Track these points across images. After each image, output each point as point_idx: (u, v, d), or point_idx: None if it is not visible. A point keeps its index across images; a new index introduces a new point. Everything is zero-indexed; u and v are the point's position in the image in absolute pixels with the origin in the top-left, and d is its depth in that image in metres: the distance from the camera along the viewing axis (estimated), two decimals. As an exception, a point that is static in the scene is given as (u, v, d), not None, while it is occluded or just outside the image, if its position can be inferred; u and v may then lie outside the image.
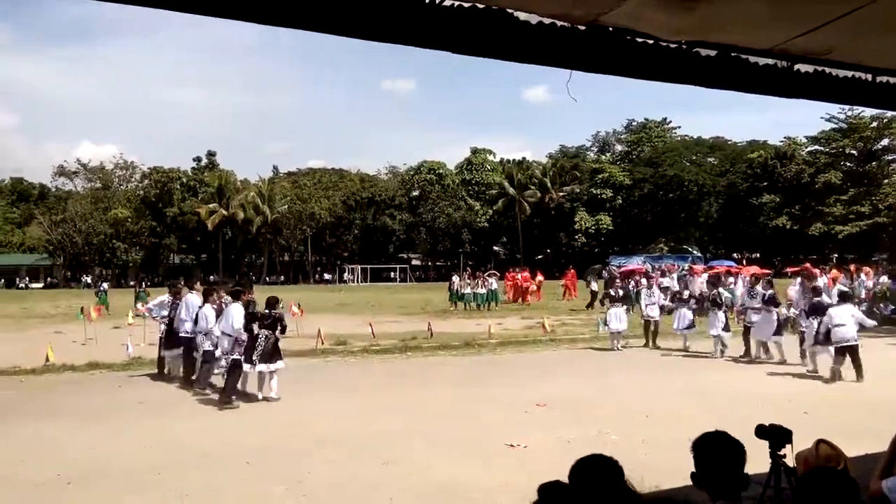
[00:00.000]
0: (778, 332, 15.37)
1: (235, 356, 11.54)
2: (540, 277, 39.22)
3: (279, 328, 11.98)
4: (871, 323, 14.51)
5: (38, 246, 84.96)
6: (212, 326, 12.33)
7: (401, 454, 8.22)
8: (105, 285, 38.90)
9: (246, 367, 11.51)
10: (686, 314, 17.83)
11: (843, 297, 14.66)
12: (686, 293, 18.60)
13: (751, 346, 15.91)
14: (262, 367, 11.56)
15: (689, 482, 2.86)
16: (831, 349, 13.30)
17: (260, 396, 11.63)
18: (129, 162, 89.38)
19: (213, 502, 6.82)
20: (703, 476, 2.82)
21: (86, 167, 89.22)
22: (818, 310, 13.86)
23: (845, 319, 13.23)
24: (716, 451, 2.84)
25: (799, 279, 18.75)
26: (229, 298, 12.42)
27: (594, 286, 32.11)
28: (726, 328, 16.45)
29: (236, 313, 11.67)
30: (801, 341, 14.62)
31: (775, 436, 3.93)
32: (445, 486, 7.10)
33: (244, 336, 11.60)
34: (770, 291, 16.05)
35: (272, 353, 11.67)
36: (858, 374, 12.82)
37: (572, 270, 42.22)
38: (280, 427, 9.80)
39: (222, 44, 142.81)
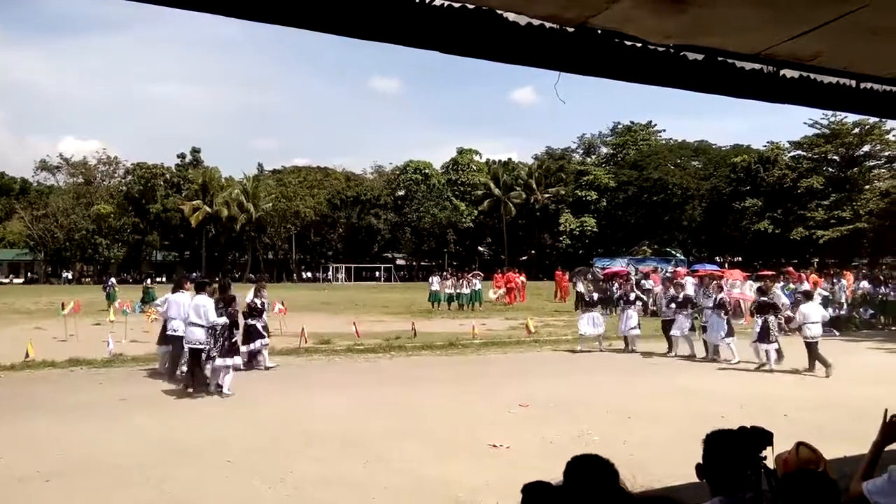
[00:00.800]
0: (729, 334, 15.89)
1: (201, 346, 12.11)
2: (522, 278, 39.39)
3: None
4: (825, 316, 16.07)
5: (19, 241, 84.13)
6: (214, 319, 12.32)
7: (385, 453, 8.22)
8: (113, 280, 37.84)
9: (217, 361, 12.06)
10: (631, 315, 17.79)
11: (808, 296, 16.18)
12: (633, 295, 18.47)
13: (708, 347, 16.47)
14: (219, 361, 11.98)
15: (676, 482, 2.90)
16: (767, 346, 14.65)
17: (212, 388, 12.05)
18: (113, 157, 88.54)
19: (197, 500, 6.79)
20: (708, 469, 2.89)
21: (68, 162, 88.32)
22: (764, 309, 15.09)
23: (816, 318, 14.73)
24: (727, 447, 2.91)
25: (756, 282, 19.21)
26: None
27: (580, 287, 32.30)
28: (692, 329, 16.94)
29: (208, 304, 12.19)
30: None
31: (756, 438, 3.96)
32: (430, 484, 7.10)
33: (219, 325, 12.11)
34: (721, 295, 16.49)
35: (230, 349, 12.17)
36: (811, 366, 14.22)
37: (560, 272, 42.54)
38: (265, 425, 9.77)
39: (208, 39, 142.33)
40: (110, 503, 6.75)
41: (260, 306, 15.05)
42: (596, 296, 18.97)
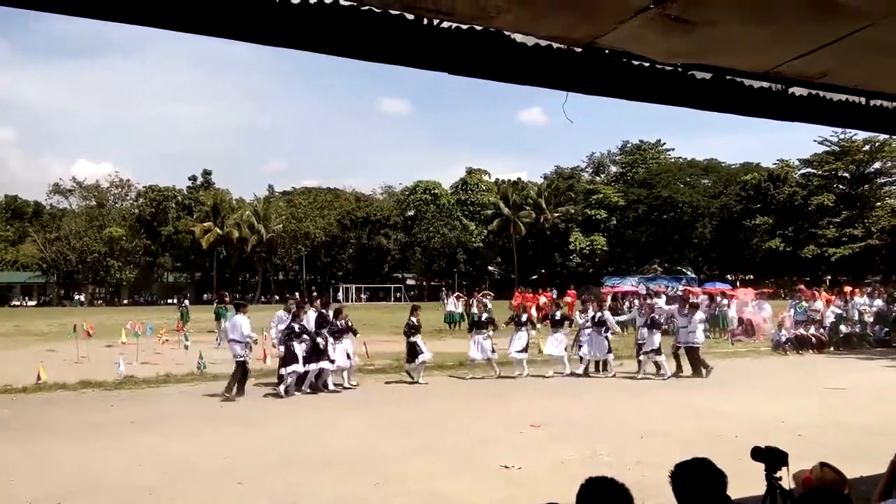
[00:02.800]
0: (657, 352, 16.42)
1: (242, 359, 13.78)
2: (544, 298, 38.90)
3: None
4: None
5: (32, 264, 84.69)
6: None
7: (396, 473, 8.18)
8: (187, 301, 37.71)
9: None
10: (521, 336, 17.15)
11: (693, 307, 17.49)
12: (524, 316, 17.89)
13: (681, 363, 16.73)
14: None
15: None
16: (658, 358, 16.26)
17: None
18: (125, 180, 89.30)
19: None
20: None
21: (81, 185, 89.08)
22: (655, 325, 16.45)
23: (698, 326, 16.78)
24: (696, 480, 2.82)
25: (678, 302, 19.24)
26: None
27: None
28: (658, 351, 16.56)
29: (244, 322, 13.89)
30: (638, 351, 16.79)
31: (771, 458, 3.92)
32: (440, 506, 7.06)
33: (252, 339, 14.10)
34: (653, 316, 16.87)
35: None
36: (696, 371, 16.18)
37: (573, 291, 42.20)
38: (275, 446, 9.74)
39: (219, 59, 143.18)
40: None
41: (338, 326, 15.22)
42: (559, 315, 18.15)
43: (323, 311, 15.39)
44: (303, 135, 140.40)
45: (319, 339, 14.45)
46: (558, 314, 18.28)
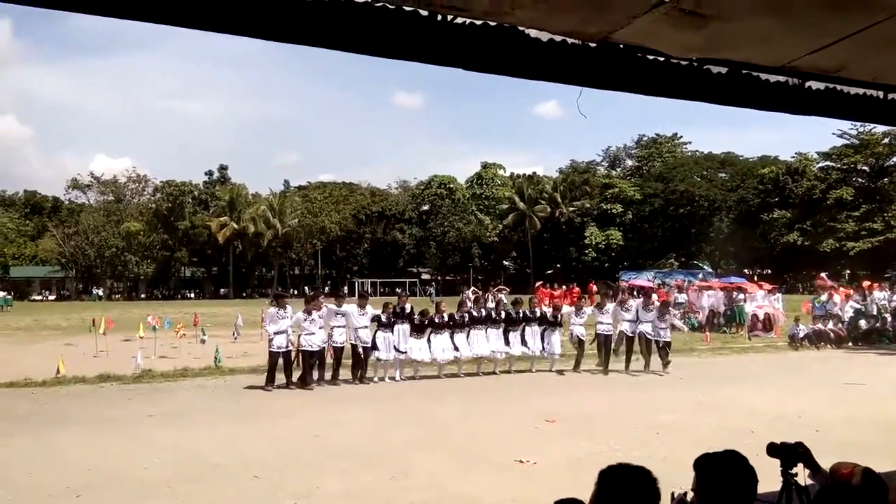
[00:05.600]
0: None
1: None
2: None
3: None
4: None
5: (51, 258, 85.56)
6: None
7: (411, 467, 8.20)
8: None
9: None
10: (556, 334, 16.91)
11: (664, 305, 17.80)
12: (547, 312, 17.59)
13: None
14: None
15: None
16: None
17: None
18: (142, 175, 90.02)
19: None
20: (705, 498, 2.80)
21: (99, 180, 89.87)
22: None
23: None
24: (724, 472, 2.81)
25: (642, 297, 19.01)
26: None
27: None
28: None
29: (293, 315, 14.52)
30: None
31: (787, 454, 3.90)
32: (456, 500, 7.08)
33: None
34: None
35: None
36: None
37: (592, 285, 41.93)
38: (290, 440, 9.80)
39: (234, 55, 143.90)
40: (139, 518, 6.81)
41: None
42: (537, 311, 17.48)
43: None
44: (318, 129, 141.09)
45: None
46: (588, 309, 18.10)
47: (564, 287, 39.17)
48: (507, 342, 16.19)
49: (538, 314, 16.98)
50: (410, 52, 3.34)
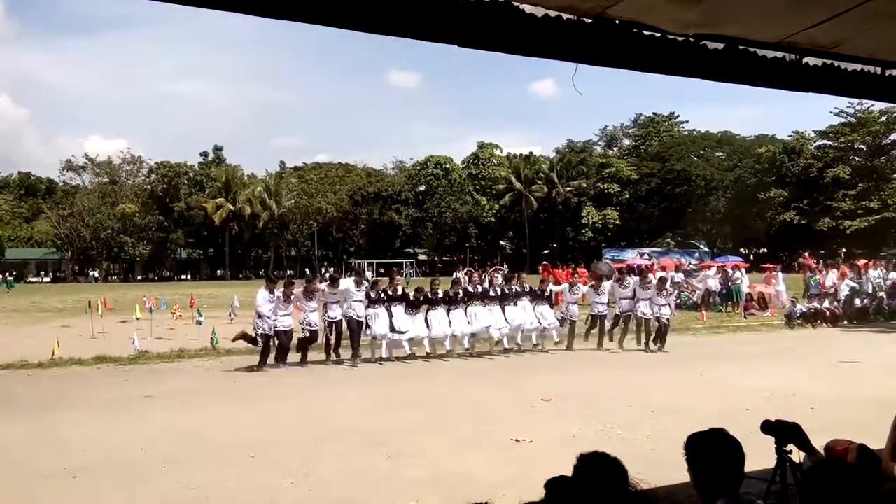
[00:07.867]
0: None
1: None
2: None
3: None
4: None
5: (46, 240, 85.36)
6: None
7: (406, 447, 8.22)
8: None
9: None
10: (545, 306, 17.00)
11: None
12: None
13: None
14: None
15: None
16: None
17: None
18: (137, 156, 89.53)
19: (219, 494, 6.83)
20: (698, 476, 2.82)
21: (93, 162, 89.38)
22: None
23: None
24: (712, 450, 2.83)
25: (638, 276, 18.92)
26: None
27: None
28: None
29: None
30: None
31: (781, 431, 3.91)
32: (452, 479, 7.09)
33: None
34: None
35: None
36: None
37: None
38: (287, 420, 9.82)
39: (230, 36, 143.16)
40: (134, 498, 6.81)
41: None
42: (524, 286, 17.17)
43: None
44: (313, 110, 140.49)
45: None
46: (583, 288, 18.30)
47: (570, 267, 39.23)
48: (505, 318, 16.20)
49: (527, 289, 16.94)
50: (405, 29, 3.31)
